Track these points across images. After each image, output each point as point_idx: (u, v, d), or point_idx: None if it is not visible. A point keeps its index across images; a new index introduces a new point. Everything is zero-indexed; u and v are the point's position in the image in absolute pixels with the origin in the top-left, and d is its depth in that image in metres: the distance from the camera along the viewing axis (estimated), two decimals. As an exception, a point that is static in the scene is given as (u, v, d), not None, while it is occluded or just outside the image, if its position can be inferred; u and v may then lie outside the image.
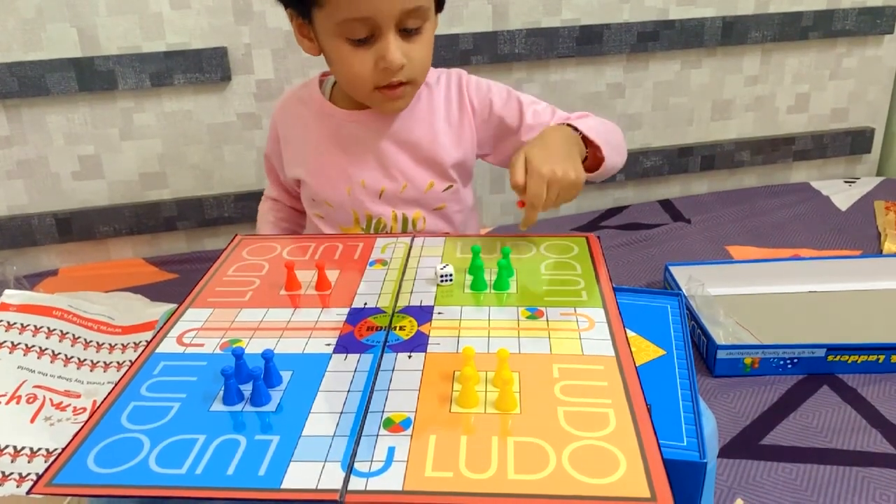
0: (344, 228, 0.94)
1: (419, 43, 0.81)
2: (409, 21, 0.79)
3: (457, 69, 0.95)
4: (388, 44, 0.78)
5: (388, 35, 0.78)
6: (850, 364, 0.98)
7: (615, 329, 0.63)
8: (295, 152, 0.94)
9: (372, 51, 0.79)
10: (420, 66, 0.83)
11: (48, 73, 1.22)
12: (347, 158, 0.91)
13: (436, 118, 0.91)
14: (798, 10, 1.51)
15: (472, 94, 0.92)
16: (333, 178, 0.91)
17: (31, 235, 1.31)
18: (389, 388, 0.57)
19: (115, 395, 0.58)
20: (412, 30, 0.80)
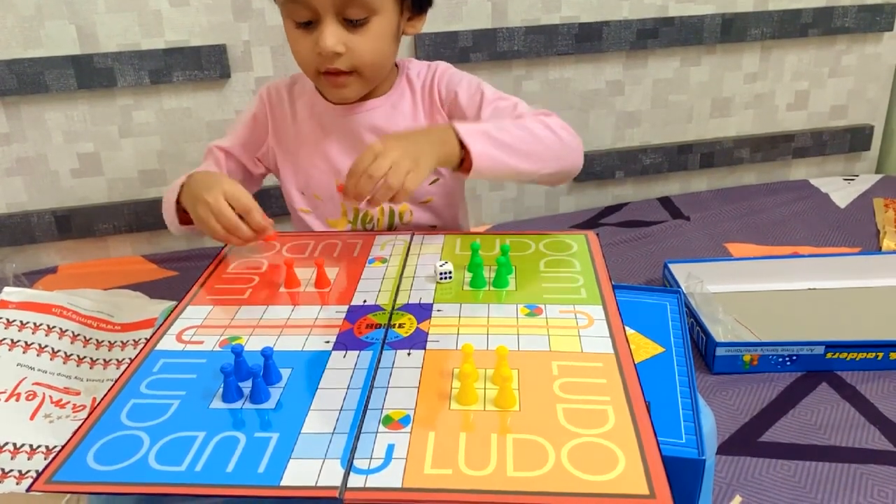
0: (330, 222, 0.94)
1: (364, 35, 0.80)
2: (350, 11, 0.78)
3: (442, 62, 0.95)
4: (322, 30, 0.78)
5: (325, 21, 0.78)
6: (848, 361, 0.98)
7: (614, 326, 0.63)
8: (284, 143, 0.94)
9: (313, 35, 0.80)
10: (365, 58, 0.81)
11: (47, 70, 1.21)
12: (336, 151, 0.91)
13: (417, 111, 0.92)
14: (797, 8, 1.50)
15: (441, 85, 0.92)
16: (322, 170, 0.92)
17: (30, 233, 1.31)
18: (389, 386, 0.57)
19: (115, 393, 0.58)
20: (357, 21, 0.79)
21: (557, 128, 0.83)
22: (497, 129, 0.78)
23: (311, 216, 0.95)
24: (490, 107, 0.87)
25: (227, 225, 0.74)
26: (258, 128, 0.94)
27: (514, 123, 0.80)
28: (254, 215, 0.74)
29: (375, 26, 0.80)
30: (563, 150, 0.83)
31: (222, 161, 0.93)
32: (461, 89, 0.90)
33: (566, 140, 0.84)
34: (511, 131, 0.78)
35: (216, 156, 0.93)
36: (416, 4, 0.85)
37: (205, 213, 0.75)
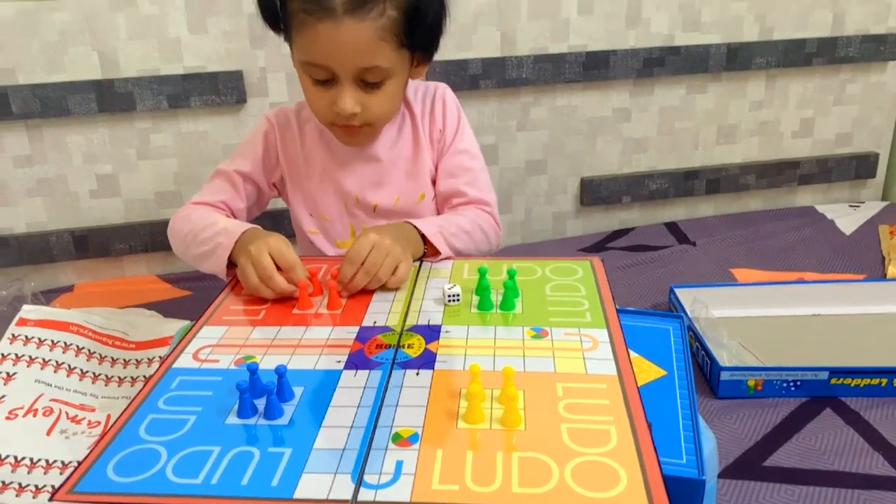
0: (339, 243, 0.97)
1: (378, 95, 0.84)
2: (368, 76, 0.82)
3: (439, 84, 0.99)
4: (341, 92, 0.82)
5: (344, 84, 0.82)
6: (853, 387, 0.99)
7: (618, 349, 0.65)
8: (293, 166, 0.97)
9: (330, 93, 0.83)
10: (377, 114, 0.86)
11: (69, 94, 1.25)
12: (343, 173, 0.94)
13: (419, 132, 0.96)
14: (802, 37, 1.53)
15: (438, 111, 0.96)
16: (330, 192, 0.95)
17: (48, 252, 1.34)
18: (398, 404, 0.59)
19: (134, 408, 0.60)
20: (373, 83, 0.83)
21: (488, 228, 0.95)
22: (451, 234, 0.88)
23: (319, 237, 0.97)
24: (458, 157, 0.96)
25: (262, 275, 0.76)
26: (270, 151, 0.97)
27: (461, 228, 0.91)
28: (297, 271, 0.76)
29: (389, 86, 0.85)
30: (486, 247, 0.96)
31: (240, 185, 0.95)
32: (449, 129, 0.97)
33: (491, 240, 0.96)
34: (460, 238, 0.90)
35: (233, 179, 0.95)
36: (425, 55, 0.88)
37: (244, 262, 0.77)
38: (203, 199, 0.94)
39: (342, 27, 0.77)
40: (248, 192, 0.96)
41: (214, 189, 0.95)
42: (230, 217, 0.94)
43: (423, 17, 0.81)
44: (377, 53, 0.80)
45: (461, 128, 0.98)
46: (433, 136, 0.97)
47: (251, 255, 0.77)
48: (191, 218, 0.90)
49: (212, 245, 0.84)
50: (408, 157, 0.96)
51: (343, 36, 0.78)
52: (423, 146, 0.96)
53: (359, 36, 0.78)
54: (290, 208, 1.00)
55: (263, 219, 1.08)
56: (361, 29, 0.78)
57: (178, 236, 0.91)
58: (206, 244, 0.85)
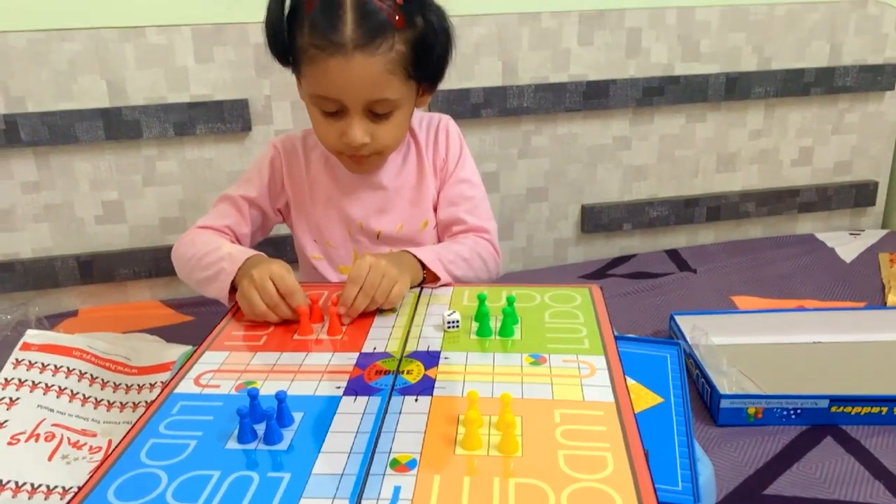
0: (342, 268, 0.98)
1: (387, 125, 0.86)
2: (377, 107, 0.84)
3: (443, 115, 1.02)
4: (351, 123, 0.84)
5: (353, 116, 0.84)
6: (853, 415, 0.98)
7: (615, 376, 0.66)
8: (298, 193, 0.99)
9: (340, 124, 0.85)
10: (386, 144, 0.88)
11: (77, 122, 1.27)
12: (347, 200, 0.96)
13: (424, 161, 0.98)
14: (800, 67, 1.55)
15: (441, 141, 0.99)
16: (335, 219, 0.97)
17: (53, 277, 1.36)
18: (396, 430, 0.59)
19: (135, 433, 0.60)
20: (382, 114, 0.85)
21: (487, 256, 0.97)
22: (449, 262, 0.90)
23: (323, 263, 0.98)
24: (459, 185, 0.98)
25: (268, 302, 0.77)
26: (276, 177, 0.99)
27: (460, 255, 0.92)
28: (297, 297, 0.77)
29: (397, 117, 0.87)
30: (486, 275, 0.97)
31: (245, 210, 0.97)
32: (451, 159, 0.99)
33: (490, 268, 0.98)
34: (458, 265, 0.91)
35: (238, 204, 0.97)
36: (431, 84, 0.91)
37: (248, 289, 0.78)
38: (208, 224, 0.96)
39: (352, 62, 0.79)
40: (253, 218, 0.98)
41: (220, 214, 0.97)
42: (234, 242, 0.95)
43: (430, 50, 0.83)
44: (386, 86, 0.82)
45: (462, 157, 1.00)
46: (436, 165, 0.99)
47: (255, 281, 0.78)
48: (195, 242, 0.91)
49: (215, 270, 0.85)
50: (412, 186, 0.98)
51: (353, 70, 0.80)
52: (427, 175, 0.98)
53: (368, 70, 0.80)
54: (293, 234, 1.02)
55: (265, 245, 1.09)
56: (371, 63, 0.80)
57: (181, 260, 0.93)
58: (209, 269, 0.86)
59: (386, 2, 0.79)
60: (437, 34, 0.83)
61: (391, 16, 0.80)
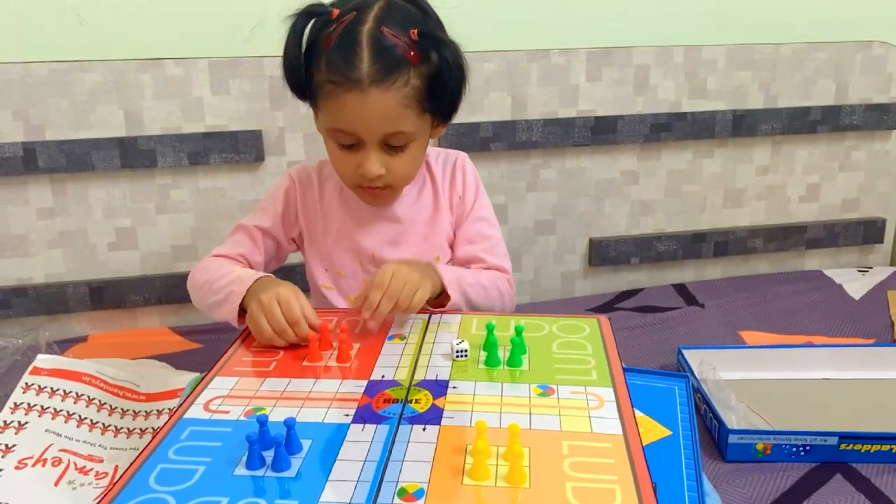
0: (351, 298, 0.99)
1: (402, 158, 0.88)
2: (392, 140, 0.86)
3: (458, 152, 1.03)
4: (367, 156, 0.86)
5: (369, 149, 0.86)
6: (863, 453, 0.97)
7: (623, 408, 0.66)
8: (311, 223, 1.00)
9: (356, 157, 0.87)
10: (401, 176, 0.90)
11: (94, 150, 1.30)
12: (360, 231, 0.98)
13: (439, 197, 1.00)
14: (806, 105, 1.57)
15: (458, 179, 1.01)
16: (347, 249, 0.98)
17: (65, 303, 1.37)
18: (404, 459, 0.59)
19: (144, 458, 0.61)
20: (397, 146, 0.87)
21: (504, 290, 0.98)
22: (468, 284, 0.92)
23: (333, 292, 0.99)
24: (468, 230, 1.00)
25: (275, 327, 0.78)
26: (290, 207, 1.00)
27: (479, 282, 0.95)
28: (300, 327, 0.78)
29: (412, 149, 0.89)
30: (500, 306, 0.98)
31: (259, 239, 0.98)
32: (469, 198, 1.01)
33: (506, 302, 0.99)
34: (476, 290, 0.93)
35: (252, 234, 0.98)
36: (445, 118, 0.92)
37: (256, 312, 0.80)
38: (223, 252, 0.98)
39: (368, 97, 0.81)
40: (266, 247, 0.99)
41: (234, 243, 0.99)
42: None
43: (444, 85, 0.85)
44: (402, 120, 0.84)
45: (479, 195, 1.02)
46: (453, 201, 1.00)
47: (263, 306, 0.79)
48: (209, 269, 0.93)
49: (225, 293, 0.86)
50: (425, 220, 0.99)
51: (369, 105, 0.82)
52: (443, 210, 0.99)
53: (384, 105, 0.82)
54: (306, 262, 1.03)
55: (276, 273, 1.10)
56: (387, 98, 0.82)
57: (195, 286, 0.94)
58: (220, 293, 0.87)
59: (402, 38, 0.82)
60: (451, 69, 0.84)
61: (406, 52, 0.82)
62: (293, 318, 0.78)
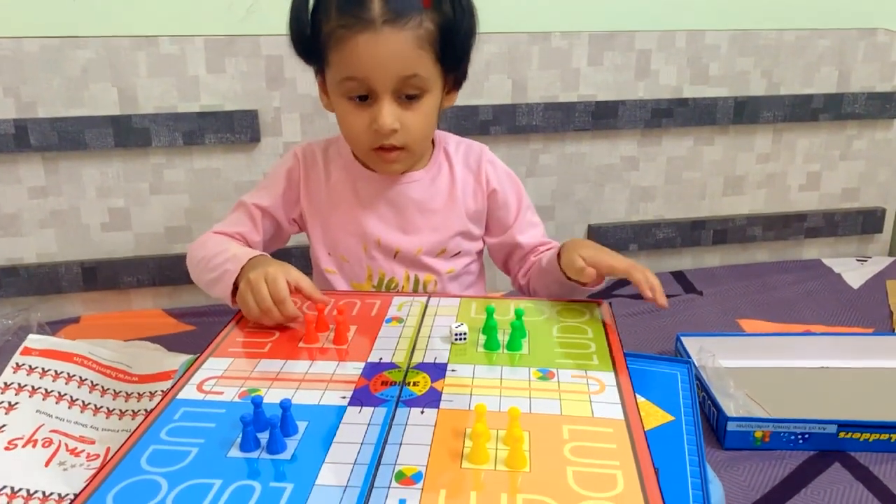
0: (355, 284, 0.97)
1: (416, 111, 0.85)
2: (407, 88, 0.83)
3: (479, 143, 1.00)
4: (381, 107, 0.83)
5: (383, 99, 0.83)
6: (861, 441, 0.97)
7: (625, 393, 0.65)
8: (315, 203, 0.97)
9: (369, 112, 0.84)
10: (415, 134, 0.86)
11: (87, 128, 1.28)
12: (366, 216, 0.95)
13: (455, 188, 0.96)
14: (808, 93, 1.56)
15: (489, 172, 0.98)
16: (352, 233, 0.95)
17: (56, 283, 1.35)
18: (402, 442, 0.58)
19: (136, 439, 0.59)
20: (411, 97, 0.84)
21: None
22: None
23: (336, 276, 0.97)
24: (524, 219, 1.00)
25: (261, 305, 0.77)
26: (292, 187, 0.98)
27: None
28: (286, 306, 0.77)
29: (426, 103, 0.85)
30: None
31: (258, 219, 0.96)
32: (509, 188, 0.99)
33: None
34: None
35: (251, 213, 0.96)
36: (455, 81, 0.90)
37: (244, 290, 0.78)
38: (222, 230, 0.96)
39: (381, 37, 0.79)
40: (265, 227, 0.97)
41: (234, 221, 0.97)
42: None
43: (457, 32, 0.83)
44: (417, 62, 0.81)
45: (517, 185, 1.01)
46: (478, 195, 0.98)
47: (250, 283, 0.78)
48: (206, 245, 0.91)
49: (220, 271, 0.85)
50: (436, 209, 0.96)
51: (382, 46, 0.79)
52: (458, 201, 0.96)
53: (398, 45, 0.79)
54: (310, 245, 1.01)
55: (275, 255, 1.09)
56: (400, 38, 0.79)
57: (193, 262, 0.93)
58: (216, 270, 0.86)
59: None
60: (463, 16, 0.82)
61: None
62: (279, 297, 0.76)
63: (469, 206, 0.97)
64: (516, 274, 1.02)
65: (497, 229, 1.01)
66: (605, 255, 0.83)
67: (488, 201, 0.98)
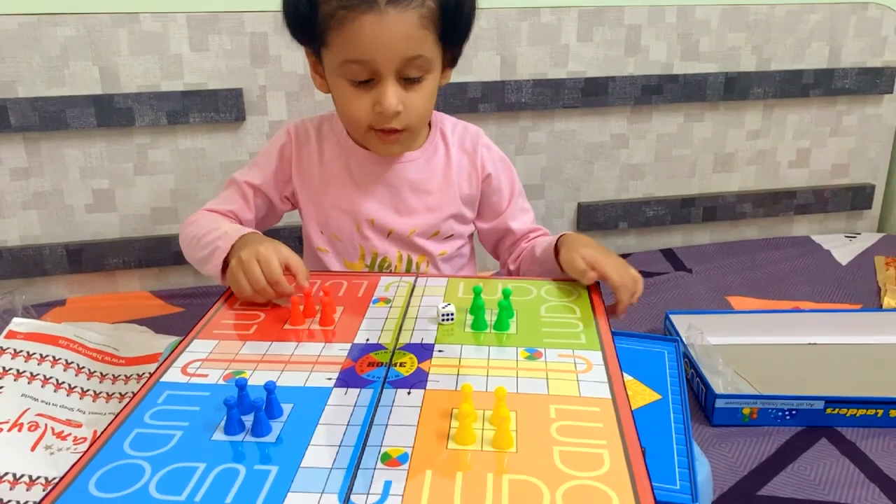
0: (348, 264, 0.96)
1: (419, 92, 0.83)
2: (411, 70, 0.81)
3: (475, 126, 0.99)
4: (385, 89, 0.81)
5: (387, 80, 0.81)
6: (848, 417, 0.98)
7: (612, 372, 0.64)
8: (307, 181, 0.96)
9: (371, 94, 0.82)
10: (417, 115, 0.85)
11: (69, 108, 1.25)
12: (360, 194, 0.93)
13: (451, 170, 0.95)
14: (799, 69, 1.55)
15: (485, 157, 0.97)
16: (345, 211, 0.94)
17: (41, 265, 1.33)
18: (388, 424, 0.58)
19: (119, 423, 0.59)
20: (413, 79, 0.82)
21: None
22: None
23: (328, 255, 0.96)
24: (516, 205, 1.00)
25: (254, 284, 0.76)
26: (284, 165, 0.96)
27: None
28: (281, 286, 0.76)
29: (428, 83, 0.84)
30: None
31: (250, 196, 0.95)
32: (503, 173, 0.99)
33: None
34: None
35: (243, 191, 0.95)
36: (452, 59, 0.89)
37: (235, 269, 0.77)
38: (214, 207, 0.95)
39: (386, 17, 0.77)
40: (257, 205, 0.96)
41: (225, 198, 0.96)
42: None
43: (459, 10, 0.81)
44: (421, 42, 0.80)
45: (510, 170, 1.00)
46: (472, 178, 0.97)
47: (242, 262, 0.77)
48: (198, 222, 0.90)
49: (211, 249, 0.84)
50: (431, 190, 0.94)
51: (387, 26, 0.77)
52: (453, 185, 0.95)
53: (403, 25, 0.78)
54: (302, 223, 1.00)
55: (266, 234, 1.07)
56: (405, 18, 0.78)
57: (185, 241, 0.92)
58: (207, 248, 0.85)
59: None
60: None
61: None
62: (273, 278, 0.76)
63: (463, 189, 0.96)
64: (506, 259, 1.02)
65: (489, 214, 1.00)
66: (606, 259, 0.82)
67: (482, 186, 0.97)
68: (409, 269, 0.95)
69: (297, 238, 1.38)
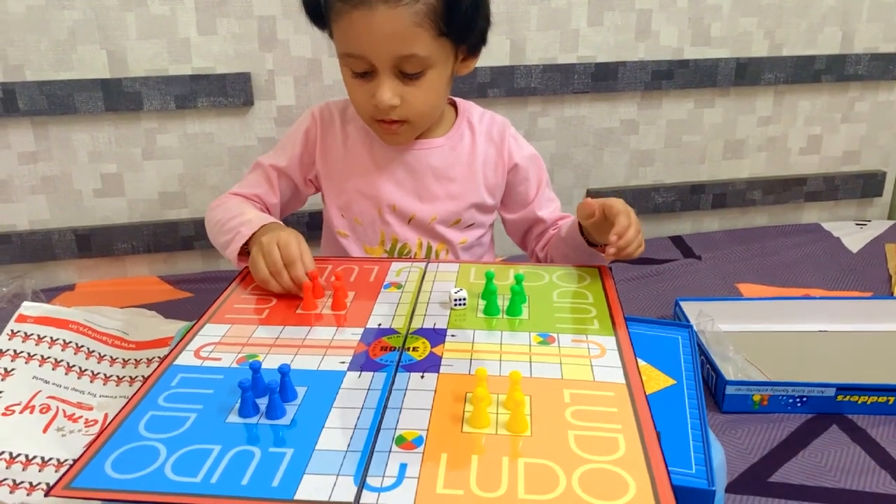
0: (368, 249, 0.95)
1: (418, 87, 0.82)
2: (407, 66, 0.81)
3: (502, 116, 0.99)
4: (380, 84, 0.81)
5: (382, 75, 0.81)
6: (859, 404, 0.97)
7: (626, 357, 0.64)
8: (331, 164, 0.95)
9: (370, 85, 0.82)
10: (416, 109, 0.84)
11: (76, 92, 1.25)
12: (383, 179, 0.93)
13: (475, 159, 0.95)
14: (811, 54, 1.53)
15: (512, 147, 0.96)
16: (367, 195, 0.93)
17: (50, 250, 1.33)
18: (402, 407, 0.58)
19: (134, 405, 0.59)
20: (412, 74, 0.82)
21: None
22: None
23: (348, 240, 0.96)
24: (544, 195, 1.00)
25: (271, 268, 0.76)
26: (308, 148, 0.96)
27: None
28: (296, 268, 0.76)
29: (430, 78, 0.83)
30: None
31: (275, 180, 0.95)
32: (531, 163, 0.98)
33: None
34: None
35: (269, 174, 0.95)
36: (471, 48, 0.87)
37: (255, 254, 0.78)
38: (240, 191, 0.95)
39: (375, 15, 0.76)
40: (282, 188, 0.96)
41: (251, 182, 0.96)
42: (264, 211, 0.94)
43: (459, 2, 0.79)
44: (414, 41, 0.78)
45: (538, 161, 0.99)
46: (499, 168, 0.96)
47: (262, 247, 0.77)
48: (224, 206, 0.91)
49: (233, 234, 0.85)
50: (455, 178, 0.94)
51: (377, 23, 0.77)
52: (477, 174, 0.94)
53: (393, 22, 0.77)
54: (323, 205, 1.00)
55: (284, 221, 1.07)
56: (395, 15, 0.77)
57: (210, 224, 0.92)
58: (229, 233, 0.86)
59: None
60: None
61: None
62: (290, 259, 0.76)
63: (489, 178, 0.96)
64: (534, 248, 1.02)
65: (517, 205, 1.00)
66: (613, 200, 0.82)
67: (509, 175, 0.97)
68: (428, 257, 0.95)
69: (305, 224, 1.39)
